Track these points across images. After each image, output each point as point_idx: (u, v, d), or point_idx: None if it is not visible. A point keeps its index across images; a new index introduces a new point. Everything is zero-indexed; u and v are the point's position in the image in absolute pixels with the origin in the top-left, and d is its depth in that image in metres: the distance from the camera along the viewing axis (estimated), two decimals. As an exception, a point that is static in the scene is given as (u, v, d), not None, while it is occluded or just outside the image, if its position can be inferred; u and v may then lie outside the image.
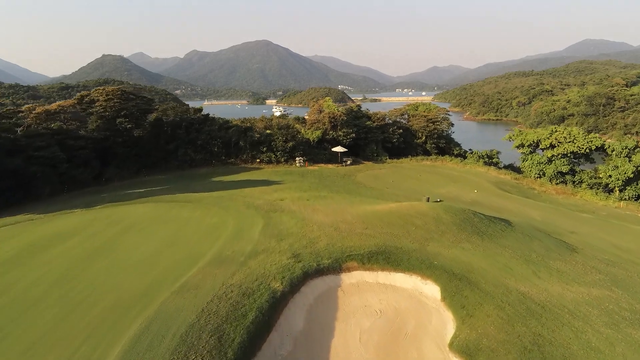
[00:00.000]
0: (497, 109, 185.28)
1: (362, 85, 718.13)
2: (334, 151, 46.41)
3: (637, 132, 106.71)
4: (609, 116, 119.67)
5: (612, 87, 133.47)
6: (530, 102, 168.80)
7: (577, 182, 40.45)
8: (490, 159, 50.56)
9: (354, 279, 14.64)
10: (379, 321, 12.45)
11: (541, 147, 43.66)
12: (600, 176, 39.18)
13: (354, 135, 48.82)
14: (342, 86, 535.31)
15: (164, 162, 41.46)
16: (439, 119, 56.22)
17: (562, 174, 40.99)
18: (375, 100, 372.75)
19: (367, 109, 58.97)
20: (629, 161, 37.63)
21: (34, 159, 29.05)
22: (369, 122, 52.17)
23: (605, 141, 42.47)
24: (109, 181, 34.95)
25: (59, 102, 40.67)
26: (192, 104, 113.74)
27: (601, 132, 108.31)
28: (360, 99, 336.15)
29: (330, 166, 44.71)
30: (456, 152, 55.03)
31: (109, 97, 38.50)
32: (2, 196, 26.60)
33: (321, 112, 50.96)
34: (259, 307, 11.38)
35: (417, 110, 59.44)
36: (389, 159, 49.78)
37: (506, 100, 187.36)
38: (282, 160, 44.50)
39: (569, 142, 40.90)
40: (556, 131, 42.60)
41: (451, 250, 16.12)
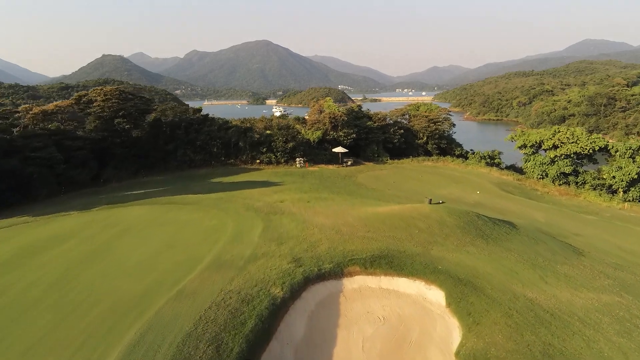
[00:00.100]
0: (498, 109, 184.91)
1: (362, 85, 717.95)
2: (335, 152, 46.03)
3: (638, 133, 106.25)
4: (610, 116, 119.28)
5: (613, 87, 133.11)
6: (530, 102, 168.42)
7: (580, 183, 40.07)
8: (492, 160, 50.19)
9: (356, 284, 14.27)
10: (382, 328, 12.08)
11: (544, 147, 43.27)
12: (603, 177, 38.78)
13: (354, 135, 48.43)
14: (342, 86, 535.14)
15: (163, 163, 41.06)
16: (441, 120, 55.83)
17: (565, 174, 40.59)
18: (375, 100, 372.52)
19: (368, 109, 58.61)
20: (633, 162, 37.26)
21: (31, 160, 28.68)
22: (369, 123, 51.79)
23: (608, 142, 42.06)
24: (107, 182, 34.57)
25: (56, 102, 40.28)
26: (192, 104, 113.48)
27: (602, 132, 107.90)
28: (360, 99, 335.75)
29: (330, 167, 44.34)
30: (458, 153, 54.61)
31: (107, 97, 38.10)
32: (-1, 197, 26.25)
33: (322, 112, 50.57)
34: (259, 315, 11.01)
35: (418, 110, 59.05)
36: (390, 159, 49.39)
37: (506, 100, 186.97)
38: (282, 161, 44.11)
39: (572, 142, 40.51)
40: (559, 131, 42.20)
41: (455, 254, 15.74)
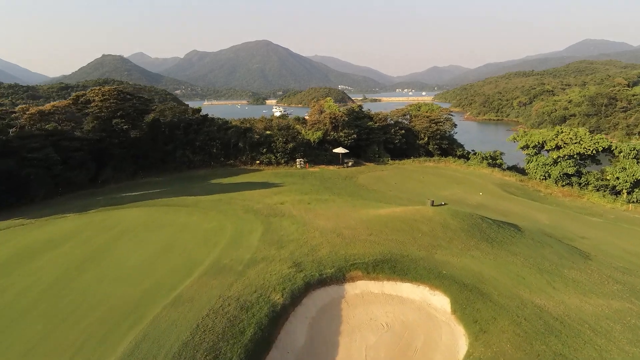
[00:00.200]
0: (498, 109, 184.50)
1: (362, 85, 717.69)
2: (335, 152, 45.65)
3: (639, 133, 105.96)
4: (611, 116, 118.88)
5: (613, 87, 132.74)
6: (531, 102, 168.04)
7: (584, 184, 39.66)
8: (494, 160, 49.78)
9: (358, 289, 13.89)
10: (385, 335, 11.70)
11: (546, 148, 42.86)
12: (607, 178, 38.38)
13: (355, 136, 48.04)
14: (342, 86, 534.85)
15: (162, 164, 40.65)
16: (442, 120, 55.45)
17: (568, 175, 40.19)
18: (375, 100, 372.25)
19: (369, 110, 58.25)
20: (637, 163, 36.86)
21: (28, 161, 28.29)
22: (370, 123, 51.40)
23: (611, 142, 41.64)
24: (105, 183, 34.20)
25: (53, 103, 39.87)
26: (192, 104, 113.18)
27: (603, 133, 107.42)
28: (360, 99, 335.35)
29: (331, 168, 43.95)
30: (459, 153, 54.19)
31: (105, 97, 37.69)
32: (-5, 199, 25.88)
33: (322, 112, 50.18)
34: (258, 323, 10.64)
35: (419, 110, 58.67)
36: (391, 160, 49.00)
37: (507, 100, 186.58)
38: (282, 161, 43.71)
39: (575, 143, 40.10)
40: (562, 132, 41.78)
41: (460, 258, 15.35)
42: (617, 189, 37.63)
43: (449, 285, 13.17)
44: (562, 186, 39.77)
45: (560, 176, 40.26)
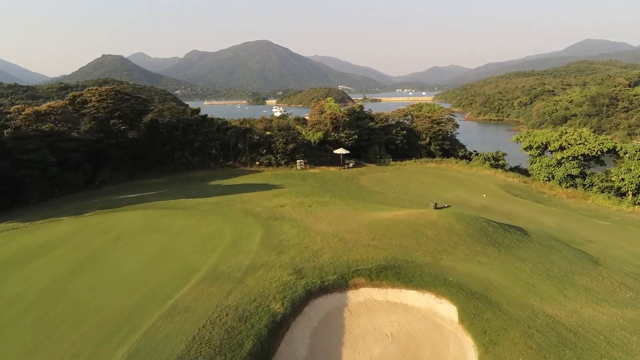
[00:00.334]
0: (499, 109, 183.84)
1: (362, 85, 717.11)
2: (336, 153, 45.09)
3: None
4: (612, 116, 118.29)
5: (615, 87, 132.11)
6: (531, 103, 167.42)
7: (588, 185, 39.11)
8: (496, 161, 49.22)
9: (361, 297, 13.37)
10: (390, 347, 11.18)
11: (550, 149, 42.30)
12: (612, 179, 37.82)
13: (356, 136, 47.47)
14: (342, 86, 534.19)
15: (160, 165, 40.08)
16: (444, 120, 54.87)
17: (572, 177, 39.63)
18: (375, 100, 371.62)
19: (370, 110, 57.69)
20: (643, 164, 36.31)
21: (23, 162, 27.73)
22: (371, 123, 50.82)
23: (616, 143, 41.05)
24: (102, 185, 33.64)
25: (49, 103, 39.26)
26: (192, 104, 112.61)
27: (605, 133, 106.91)
28: (360, 99, 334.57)
29: (332, 169, 43.39)
30: (461, 154, 53.60)
31: (102, 97, 37.11)
32: (-11, 202, 25.34)
33: (322, 112, 49.62)
34: (257, 334, 10.14)
35: (420, 111, 58.12)
36: (393, 161, 48.42)
37: (507, 100, 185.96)
38: (283, 162, 43.15)
39: (580, 144, 39.53)
40: (566, 132, 41.20)
41: (466, 264, 14.82)
42: (622, 190, 37.08)
43: (455, 292, 12.67)
44: (566, 187, 39.21)
45: (564, 177, 39.71)
